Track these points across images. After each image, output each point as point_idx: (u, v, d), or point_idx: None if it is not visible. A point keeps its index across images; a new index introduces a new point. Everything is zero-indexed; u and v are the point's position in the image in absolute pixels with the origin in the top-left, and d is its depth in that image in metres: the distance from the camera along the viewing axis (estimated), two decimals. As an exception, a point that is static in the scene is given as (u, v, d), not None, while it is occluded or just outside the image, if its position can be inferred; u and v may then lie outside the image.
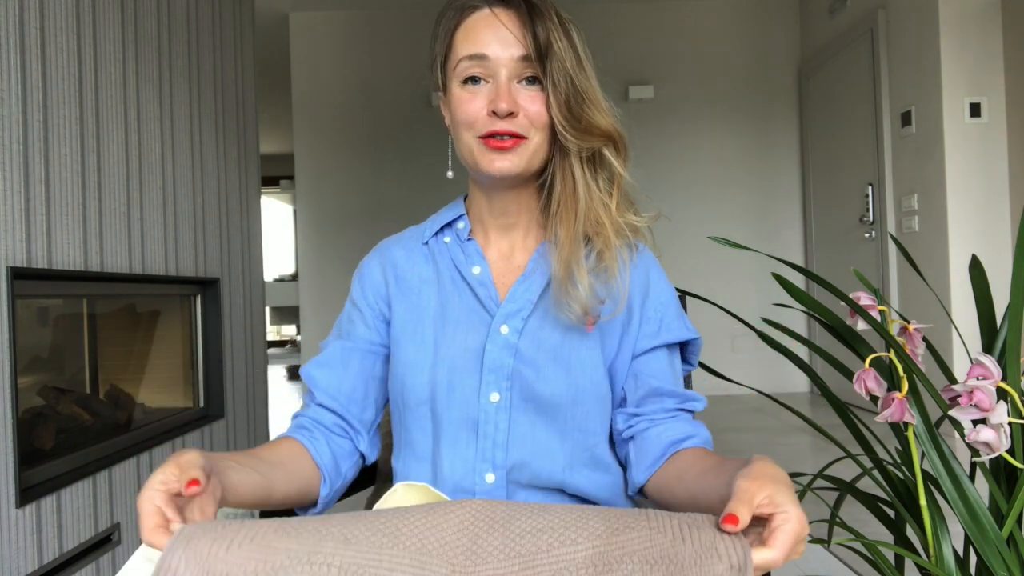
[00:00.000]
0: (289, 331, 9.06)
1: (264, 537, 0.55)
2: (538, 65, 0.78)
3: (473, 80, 0.80)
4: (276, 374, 6.95)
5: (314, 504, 0.82)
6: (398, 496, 0.72)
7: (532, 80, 0.79)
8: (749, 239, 4.69)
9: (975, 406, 0.72)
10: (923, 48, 3.46)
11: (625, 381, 0.85)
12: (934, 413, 0.81)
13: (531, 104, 0.79)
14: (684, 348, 0.90)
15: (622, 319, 0.84)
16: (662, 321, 0.85)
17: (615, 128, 0.82)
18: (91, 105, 1.78)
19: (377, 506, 0.72)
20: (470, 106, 0.80)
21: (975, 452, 0.76)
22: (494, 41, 0.79)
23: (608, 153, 0.82)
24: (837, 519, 0.91)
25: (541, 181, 0.86)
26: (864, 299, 0.84)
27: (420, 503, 0.73)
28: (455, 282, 0.87)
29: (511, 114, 0.78)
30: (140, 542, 0.59)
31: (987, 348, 0.82)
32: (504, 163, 0.80)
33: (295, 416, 0.86)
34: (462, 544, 0.56)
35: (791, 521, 0.56)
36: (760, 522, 0.57)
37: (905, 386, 0.76)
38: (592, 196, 0.82)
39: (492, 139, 0.79)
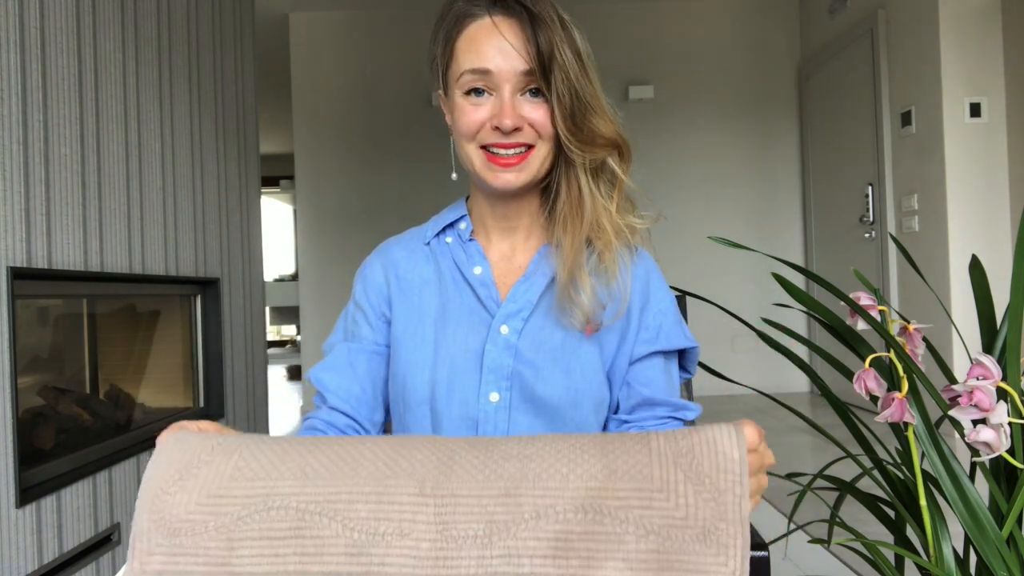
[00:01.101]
0: (289, 331, 9.06)
1: (221, 485, 0.53)
2: (541, 79, 0.77)
3: (476, 92, 0.79)
4: (276, 374, 6.95)
5: None
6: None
7: (535, 92, 0.79)
8: (749, 239, 4.69)
9: (975, 406, 0.72)
10: (923, 48, 3.46)
11: (620, 388, 0.85)
12: (934, 413, 0.81)
13: (535, 115, 0.78)
14: (682, 356, 0.90)
15: (621, 324, 0.84)
16: (660, 328, 0.85)
17: (619, 135, 0.81)
18: (91, 105, 1.78)
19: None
20: (473, 118, 0.79)
21: (975, 452, 0.76)
22: (497, 54, 0.77)
23: (611, 160, 0.82)
24: (837, 519, 0.91)
25: (544, 185, 0.86)
26: (864, 299, 0.84)
27: None
28: (456, 282, 0.87)
29: (516, 129, 0.78)
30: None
31: (987, 348, 0.82)
32: (509, 178, 0.80)
33: (307, 418, 0.86)
34: (434, 461, 0.52)
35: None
36: None
37: (905, 386, 0.76)
38: (596, 203, 0.82)
39: (497, 156, 0.79)
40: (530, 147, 0.80)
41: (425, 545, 0.50)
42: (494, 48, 0.78)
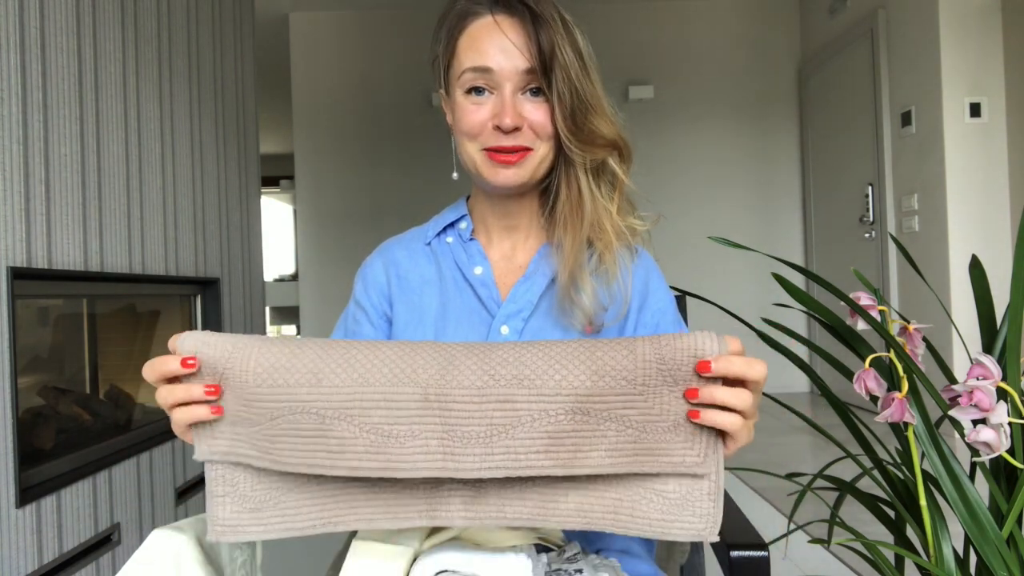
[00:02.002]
0: (289, 331, 9.06)
1: (249, 391, 0.59)
2: (542, 78, 0.77)
3: (477, 91, 0.79)
4: (276, 374, 6.92)
5: None
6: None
7: (536, 91, 0.79)
8: (749, 239, 4.69)
9: (975, 406, 0.72)
10: (923, 48, 3.46)
11: None
12: (934, 413, 0.81)
13: (536, 115, 0.78)
14: None
15: (619, 323, 0.84)
16: (658, 327, 0.85)
17: (620, 136, 0.81)
18: (91, 105, 1.78)
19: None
20: (474, 117, 0.79)
21: (975, 452, 0.76)
22: (498, 52, 0.77)
23: (612, 161, 0.82)
24: (837, 519, 0.91)
25: (544, 185, 0.86)
26: (864, 299, 0.84)
27: None
28: (457, 282, 0.87)
29: (516, 128, 0.78)
30: (140, 542, 0.60)
31: (987, 348, 0.82)
32: (509, 175, 0.80)
33: None
34: (435, 366, 0.56)
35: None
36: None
37: (905, 386, 0.76)
38: (596, 204, 0.82)
39: (497, 153, 0.79)
40: (529, 149, 0.80)
41: (434, 443, 0.57)
42: (496, 46, 0.78)
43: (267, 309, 4.83)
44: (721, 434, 0.58)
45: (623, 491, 0.59)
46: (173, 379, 0.61)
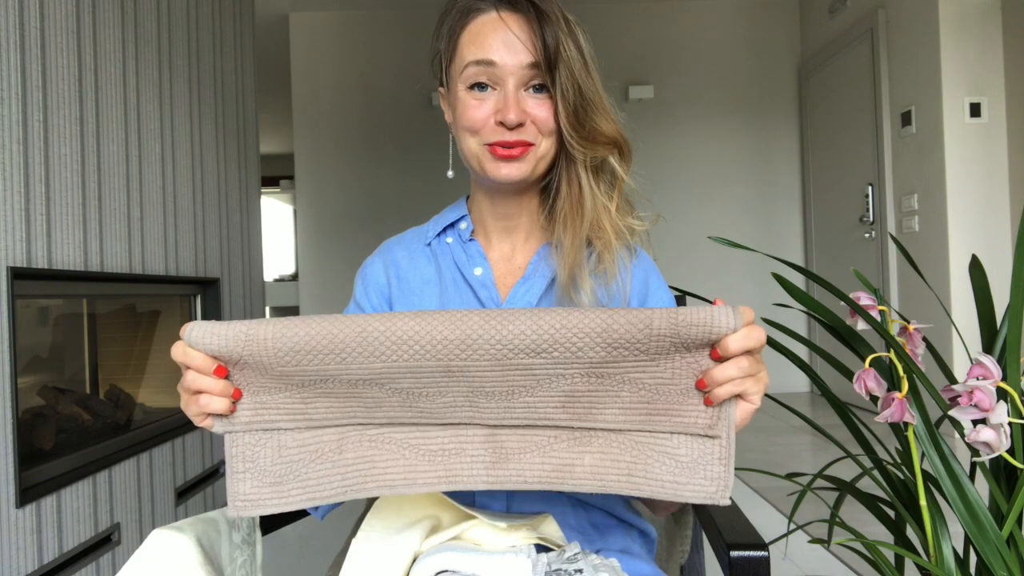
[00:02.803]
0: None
1: (274, 371, 0.60)
2: (546, 73, 0.77)
3: (480, 86, 0.79)
4: (276, 374, 6.93)
5: None
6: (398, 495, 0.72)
7: (539, 87, 0.78)
8: (749, 239, 4.69)
9: (975, 406, 0.72)
10: (923, 48, 3.46)
11: None
12: (934, 413, 0.81)
13: (539, 110, 0.78)
14: None
15: None
16: None
17: (621, 135, 0.81)
18: (91, 105, 1.78)
19: (378, 503, 0.72)
20: (476, 113, 0.79)
21: (975, 452, 0.76)
22: (502, 47, 0.77)
23: (612, 159, 0.82)
24: (837, 519, 0.91)
25: (544, 184, 0.86)
26: (864, 299, 0.84)
27: (418, 503, 0.73)
28: (456, 283, 0.87)
29: (519, 124, 0.77)
30: (140, 542, 0.60)
31: (987, 348, 0.82)
32: (511, 169, 0.79)
33: None
34: (455, 341, 0.58)
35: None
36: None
37: (905, 386, 0.76)
38: (596, 202, 0.81)
39: (500, 148, 0.79)
40: (532, 144, 0.79)
41: (461, 399, 0.61)
42: (499, 41, 0.77)
43: (267, 309, 4.83)
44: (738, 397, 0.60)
45: (636, 454, 0.61)
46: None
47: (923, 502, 0.78)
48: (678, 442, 0.60)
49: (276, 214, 8.41)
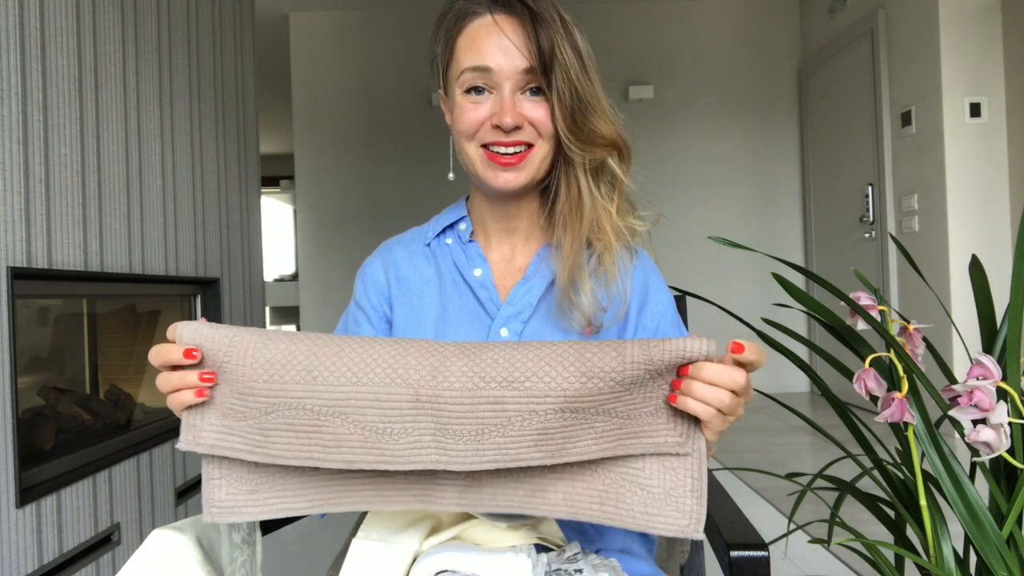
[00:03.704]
0: (289, 331, 9.06)
1: (245, 385, 0.60)
2: (542, 77, 0.77)
3: (476, 90, 0.79)
4: (276, 374, 6.92)
5: None
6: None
7: (536, 91, 0.78)
8: (749, 239, 4.69)
9: (975, 406, 0.72)
10: (923, 48, 3.46)
11: None
12: (934, 413, 0.81)
13: (535, 114, 0.78)
14: None
15: (619, 324, 0.84)
16: (658, 329, 0.85)
17: (619, 136, 0.81)
18: (91, 105, 1.78)
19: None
20: (473, 117, 0.79)
21: (975, 452, 0.76)
22: (498, 52, 0.77)
23: (611, 161, 0.82)
24: (837, 519, 0.91)
25: (544, 186, 0.86)
26: (864, 299, 0.84)
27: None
28: (456, 284, 0.87)
29: (516, 127, 0.77)
30: (140, 542, 0.60)
31: (987, 348, 0.82)
32: (509, 178, 0.79)
33: None
34: (427, 367, 0.58)
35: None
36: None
37: (905, 386, 0.76)
38: (596, 204, 0.81)
39: (497, 155, 0.79)
40: (530, 146, 0.79)
41: (427, 438, 0.58)
42: (495, 46, 0.77)
43: (267, 309, 4.83)
44: (697, 421, 0.60)
45: (609, 483, 0.61)
46: (175, 367, 0.63)
47: (923, 502, 0.78)
48: (651, 472, 0.60)
49: (276, 214, 8.41)
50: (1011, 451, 0.75)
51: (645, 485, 0.60)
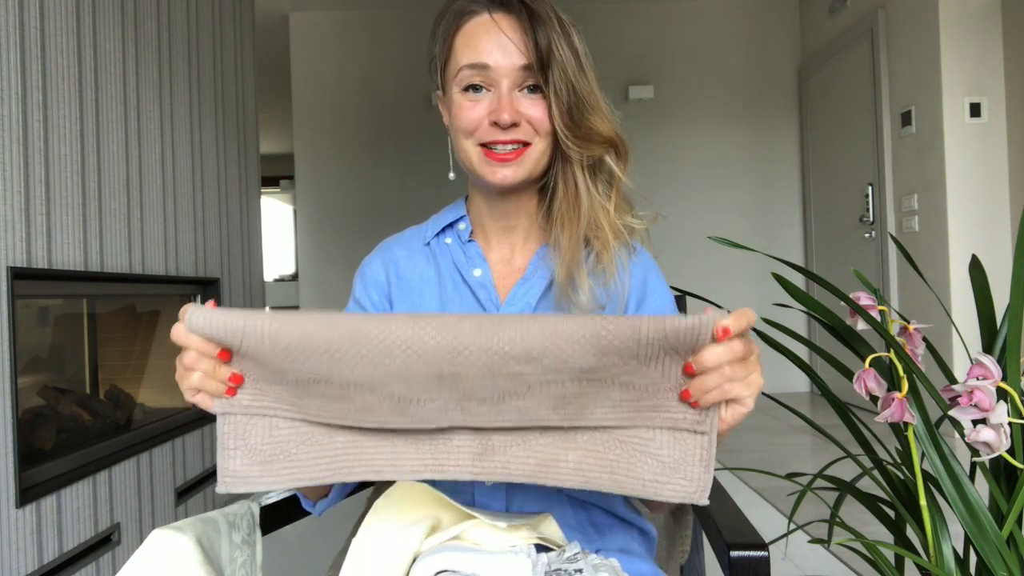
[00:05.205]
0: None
1: (268, 365, 0.61)
2: (540, 74, 0.77)
3: (474, 88, 0.79)
4: (276, 374, 6.92)
5: (326, 495, 0.83)
6: (398, 494, 0.72)
7: (533, 88, 0.79)
8: (749, 239, 4.69)
9: (975, 406, 0.72)
10: (923, 48, 3.46)
11: None
12: (934, 413, 0.81)
13: (533, 111, 0.78)
14: None
15: None
16: None
17: (616, 134, 0.81)
18: (91, 105, 1.78)
19: (378, 503, 0.72)
20: (471, 114, 0.79)
21: (975, 452, 0.76)
22: (495, 49, 0.77)
23: (609, 159, 0.82)
24: (837, 519, 0.91)
25: (541, 185, 0.86)
26: (864, 299, 0.84)
27: (418, 503, 0.73)
28: (456, 284, 0.87)
29: (514, 124, 0.78)
30: (140, 542, 0.60)
31: (987, 348, 0.82)
32: (507, 173, 0.80)
33: None
34: (446, 347, 0.58)
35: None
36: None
37: (905, 386, 0.76)
38: (593, 202, 0.82)
39: (495, 151, 0.79)
40: (527, 144, 0.80)
41: (452, 403, 0.61)
42: (493, 44, 0.78)
43: (267, 309, 4.83)
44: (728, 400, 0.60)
45: (620, 453, 0.62)
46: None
47: (923, 502, 0.78)
48: (661, 443, 0.62)
49: (276, 214, 8.41)
50: (1011, 451, 0.75)
51: (656, 455, 0.62)
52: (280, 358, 0.60)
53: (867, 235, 4.02)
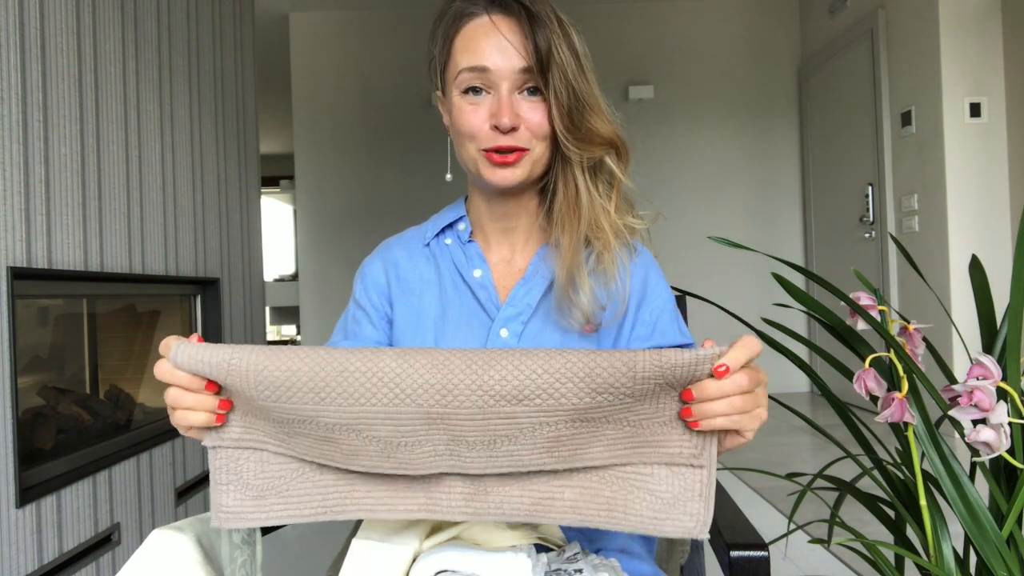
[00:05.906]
0: (289, 331, 9.05)
1: (254, 404, 0.60)
2: (539, 76, 0.77)
3: (474, 91, 0.79)
4: (276, 374, 6.91)
5: None
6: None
7: (533, 90, 0.79)
8: (749, 239, 4.69)
9: (975, 406, 0.72)
10: (923, 48, 3.46)
11: None
12: (934, 413, 0.81)
13: (533, 114, 0.78)
14: None
15: (618, 322, 0.84)
16: (656, 324, 0.85)
17: (616, 135, 0.81)
18: (91, 105, 1.78)
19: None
20: (472, 118, 0.79)
21: (975, 452, 0.76)
22: (495, 52, 0.77)
23: (609, 160, 0.82)
24: (837, 519, 0.91)
25: (542, 186, 0.86)
26: (864, 299, 0.84)
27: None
28: (456, 284, 0.87)
29: (513, 128, 0.78)
30: (140, 542, 0.60)
31: (987, 348, 0.82)
32: (506, 174, 0.80)
33: None
34: (436, 385, 0.58)
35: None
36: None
37: (905, 386, 0.76)
38: (594, 202, 0.81)
39: (495, 154, 0.79)
40: (526, 150, 0.80)
41: (441, 447, 0.60)
42: (492, 46, 0.78)
43: (267, 309, 4.83)
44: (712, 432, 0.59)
45: (617, 489, 0.61)
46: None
47: (923, 502, 0.78)
48: (659, 478, 0.60)
49: (276, 214, 8.41)
50: (1011, 451, 0.75)
51: (654, 491, 0.60)
52: (265, 396, 0.59)
53: (867, 235, 4.02)
